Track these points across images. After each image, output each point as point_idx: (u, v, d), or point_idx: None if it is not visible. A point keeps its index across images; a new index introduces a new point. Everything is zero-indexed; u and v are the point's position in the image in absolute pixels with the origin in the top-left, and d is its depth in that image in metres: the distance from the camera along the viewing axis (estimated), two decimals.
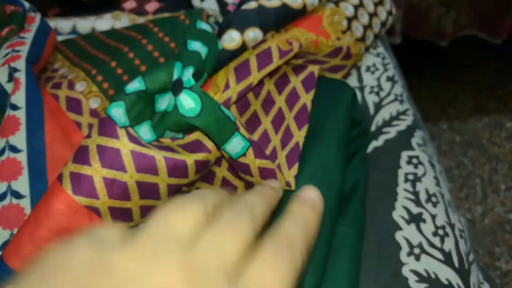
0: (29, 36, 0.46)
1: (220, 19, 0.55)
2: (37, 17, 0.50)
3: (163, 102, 0.38)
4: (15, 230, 0.34)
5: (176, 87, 0.36)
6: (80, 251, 0.19)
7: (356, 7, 0.48)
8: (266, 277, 0.21)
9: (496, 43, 1.20)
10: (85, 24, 0.60)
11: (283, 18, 0.44)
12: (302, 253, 0.23)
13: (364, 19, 0.48)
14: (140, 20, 0.60)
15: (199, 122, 0.34)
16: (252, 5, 0.43)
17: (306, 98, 0.41)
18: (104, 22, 0.60)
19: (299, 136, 0.39)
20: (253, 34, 0.42)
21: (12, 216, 0.35)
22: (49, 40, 0.49)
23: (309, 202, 0.27)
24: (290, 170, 0.38)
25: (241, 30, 0.42)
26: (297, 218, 0.25)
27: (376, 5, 0.50)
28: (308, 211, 0.27)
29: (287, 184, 0.37)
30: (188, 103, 0.34)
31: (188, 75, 0.36)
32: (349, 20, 0.46)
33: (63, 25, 0.58)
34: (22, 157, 0.36)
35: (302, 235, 0.24)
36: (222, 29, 0.42)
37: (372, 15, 0.49)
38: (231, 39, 0.41)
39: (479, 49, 1.49)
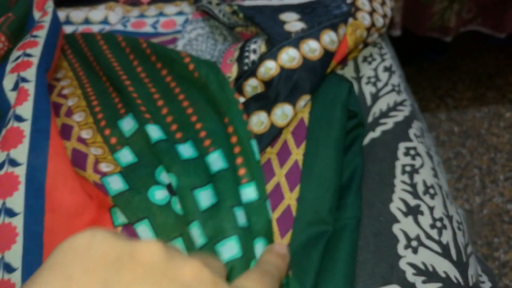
0: (42, 34, 0.44)
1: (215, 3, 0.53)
2: (50, 8, 0.48)
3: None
4: (5, 253, 0.31)
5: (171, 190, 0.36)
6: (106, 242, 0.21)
7: (370, 14, 0.46)
8: (255, 286, 0.27)
9: (500, 37, 1.18)
10: (79, 15, 0.59)
11: (326, 66, 0.42)
12: (278, 284, 0.29)
13: (379, 23, 0.47)
14: (135, 11, 0.59)
15: None
16: (295, 60, 0.41)
17: (303, 112, 0.41)
18: (97, 13, 0.59)
19: (298, 154, 0.39)
20: (304, 102, 0.41)
21: (3, 237, 0.32)
22: (59, 38, 0.47)
23: (281, 255, 0.33)
24: (291, 193, 0.38)
25: (293, 103, 0.40)
26: (271, 263, 0.31)
27: (382, 5, 0.49)
28: (279, 261, 0.32)
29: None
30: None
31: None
32: (368, 30, 0.46)
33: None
34: (20, 171, 0.34)
35: (276, 273, 0.30)
36: (268, 99, 0.40)
37: (384, 17, 0.48)
38: (285, 115, 0.40)
39: (478, 39, 1.48)
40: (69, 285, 0.19)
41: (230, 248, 0.33)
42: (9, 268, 0.31)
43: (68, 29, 0.57)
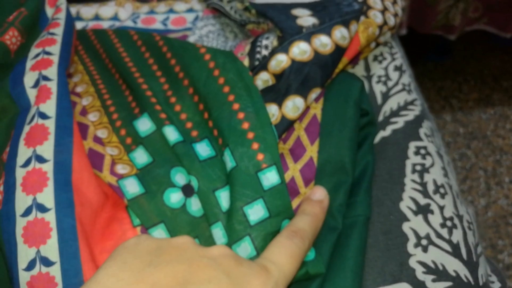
0: (58, 32, 0.44)
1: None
2: (63, 4, 0.48)
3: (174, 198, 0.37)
4: (41, 247, 0.32)
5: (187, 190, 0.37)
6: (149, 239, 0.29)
7: (382, 12, 0.46)
8: (280, 254, 0.31)
9: (505, 37, 1.18)
10: (89, 11, 0.59)
11: (337, 62, 0.42)
12: (309, 240, 0.33)
13: (391, 21, 0.47)
14: (144, 8, 0.59)
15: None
16: (307, 53, 0.41)
17: (315, 108, 0.41)
18: (107, 9, 0.59)
19: (312, 151, 0.39)
20: (315, 95, 0.41)
21: (38, 232, 0.33)
22: (74, 36, 0.47)
23: (317, 201, 0.36)
24: (306, 188, 0.39)
25: (305, 95, 0.40)
26: (307, 215, 0.35)
27: (393, 4, 0.49)
28: (317, 209, 0.36)
29: None
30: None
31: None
32: (380, 27, 0.46)
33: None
34: (48, 167, 0.35)
35: (311, 226, 0.34)
36: (279, 92, 0.40)
37: (396, 16, 0.48)
38: (296, 107, 0.40)
39: (484, 40, 1.48)
40: (124, 267, 0.26)
41: (244, 249, 0.34)
42: (46, 262, 0.32)
43: (78, 25, 0.57)
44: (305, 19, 0.43)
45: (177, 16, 0.58)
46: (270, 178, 0.36)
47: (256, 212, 0.35)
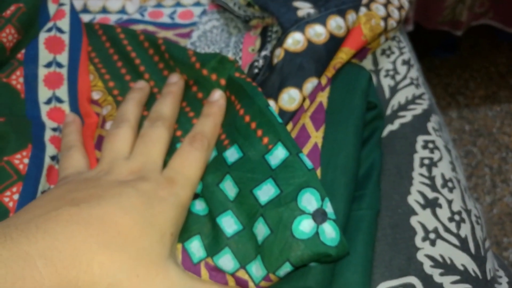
0: (65, 29, 0.47)
1: None
2: (67, 7, 0.49)
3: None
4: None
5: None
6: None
7: (385, 5, 0.46)
8: (182, 161, 0.35)
9: (510, 32, 1.18)
10: (96, 3, 0.59)
11: (333, 52, 0.42)
12: (209, 138, 0.37)
13: (395, 14, 0.47)
14: (151, 1, 0.59)
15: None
16: (300, 43, 0.41)
17: (321, 96, 0.41)
18: (115, 2, 0.59)
19: (317, 137, 0.39)
20: (311, 85, 0.40)
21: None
22: (83, 46, 0.48)
23: (214, 102, 0.40)
24: None
25: (300, 86, 0.40)
26: (205, 116, 0.39)
27: None
28: (214, 109, 0.39)
29: None
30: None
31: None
32: (385, 19, 0.45)
33: (73, 4, 0.58)
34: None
35: (209, 126, 0.38)
36: (272, 86, 0.40)
37: (401, 8, 0.48)
38: (292, 99, 0.39)
39: (491, 37, 1.47)
40: (46, 196, 0.31)
41: (260, 231, 0.34)
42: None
43: (85, 18, 0.57)
44: (305, 10, 0.43)
45: (184, 10, 0.58)
46: (278, 155, 0.36)
47: (265, 192, 0.34)
